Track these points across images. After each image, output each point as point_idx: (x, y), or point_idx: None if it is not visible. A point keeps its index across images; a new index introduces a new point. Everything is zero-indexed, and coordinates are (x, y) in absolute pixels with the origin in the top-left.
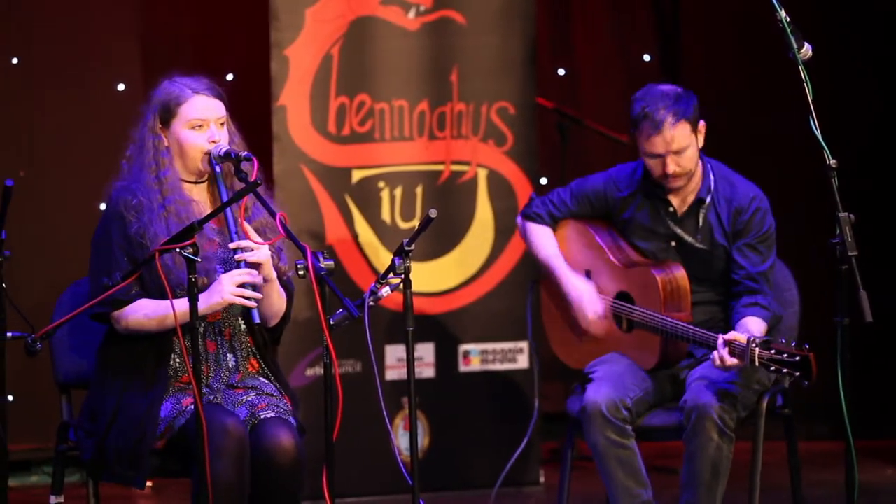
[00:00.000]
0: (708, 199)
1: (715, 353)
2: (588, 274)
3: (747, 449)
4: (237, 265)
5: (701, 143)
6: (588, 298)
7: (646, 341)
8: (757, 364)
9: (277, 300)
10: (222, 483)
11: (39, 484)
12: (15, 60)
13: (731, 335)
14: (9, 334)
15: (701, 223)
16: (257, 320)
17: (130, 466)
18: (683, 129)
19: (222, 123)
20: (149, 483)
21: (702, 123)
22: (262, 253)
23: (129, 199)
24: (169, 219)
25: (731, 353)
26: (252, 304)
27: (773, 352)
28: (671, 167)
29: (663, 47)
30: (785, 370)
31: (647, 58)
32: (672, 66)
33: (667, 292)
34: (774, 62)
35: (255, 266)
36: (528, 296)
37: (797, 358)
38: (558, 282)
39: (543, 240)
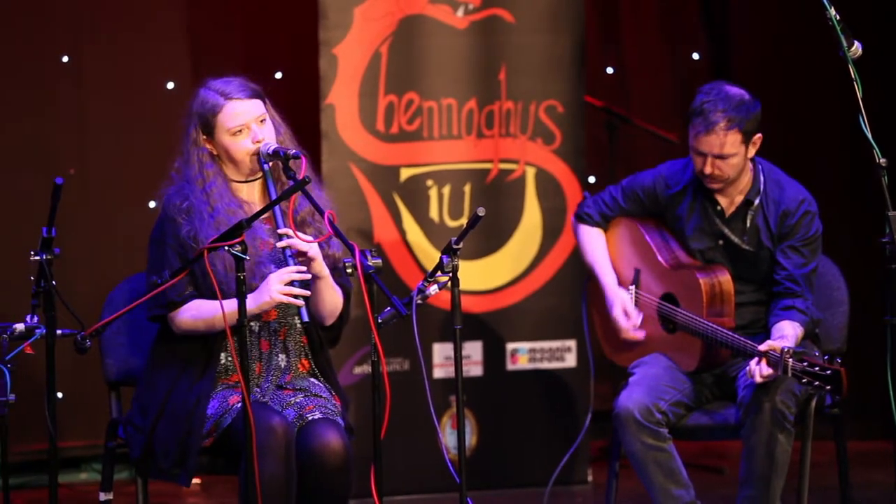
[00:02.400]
0: (756, 202)
1: (751, 364)
2: (637, 273)
3: (796, 448)
4: (286, 261)
5: (752, 153)
6: (620, 313)
7: (688, 344)
8: (789, 375)
9: (331, 297)
10: (269, 481)
11: (89, 481)
12: (65, 59)
13: (765, 346)
14: (59, 332)
15: (748, 225)
16: (306, 318)
17: (176, 464)
18: (733, 137)
19: (263, 120)
20: (197, 480)
21: (758, 136)
22: (310, 250)
23: (179, 202)
24: (220, 228)
25: (767, 364)
26: (300, 302)
27: (805, 364)
28: (709, 169)
29: (713, 46)
30: (816, 383)
31: (696, 56)
32: (721, 65)
33: (710, 296)
34: (825, 60)
35: (305, 263)
36: (582, 294)
37: (828, 372)
38: (602, 290)
39: (592, 243)
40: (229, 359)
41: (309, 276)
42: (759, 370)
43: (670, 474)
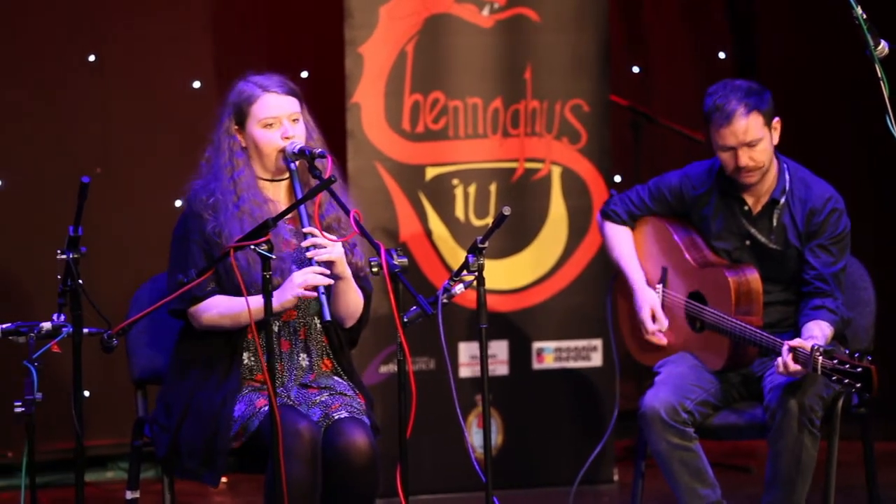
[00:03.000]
0: (782, 200)
1: (779, 359)
2: (665, 271)
3: (823, 448)
4: (310, 263)
5: (776, 140)
6: (647, 316)
7: (715, 342)
8: (819, 372)
9: (353, 299)
10: (295, 484)
11: (115, 479)
12: (91, 58)
13: (797, 342)
14: (85, 330)
15: (775, 224)
16: (327, 318)
17: (203, 464)
18: (755, 120)
19: (295, 120)
20: (223, 479)
21: (777, 120)
22: (334, 251)
23: (205, 198)
24: (244, 219)
25: (795, 360)
26: (323, 285)
27: (835, 361)
28: (743, 160)
29: (738, 45)
30: (846, 380)
31: (721, 55)
32: (747, 64)
33: (738, 294)
34: (852, 59)
35: (328, 264)
36: (607, 293)
37: (858, 369)
38: (629, 288)
39: (618, 240)
40: (252, 358)
41: (329, 281)
42: (788, 363)
43: (696, 474)
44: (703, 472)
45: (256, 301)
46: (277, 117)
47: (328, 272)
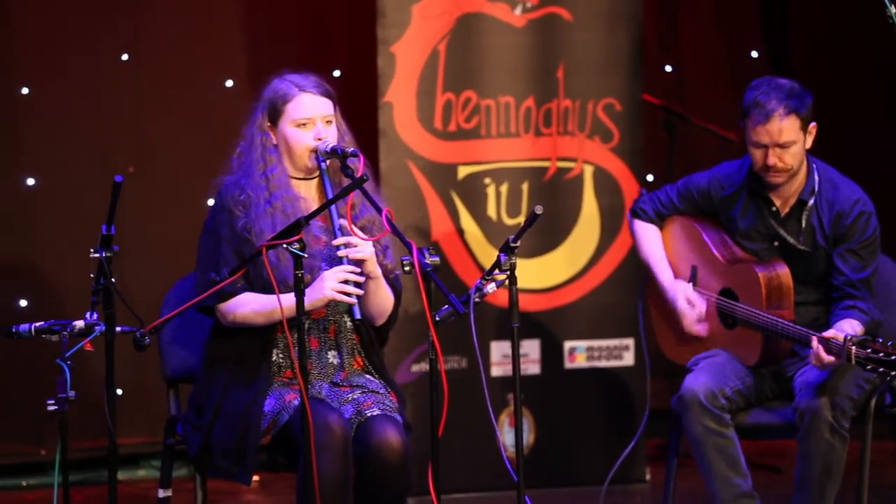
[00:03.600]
0: (811, 202)
1: (812, 351)
2: (694, 270)
3: (856, 447)
4: (340, 262)
5: (809, 143)
6: (685, 304)
7: (748, 338)
8: (853, 362)
9: (383, 298)
10: (326, 478)
11: (148, 477)
12: (125, 57)
13: (829, 333)
14: (118, 329)
15: (804, 225)
16: (358, 316)
17: (235, 462)
18: (792, 123)
19: (329, 121)
20: (255, 478)
21: (813, 125)
22: (365, 249)
23: (237, 194)
24: (275, 215)
25: (829, 351)
26: (352, 300)
27: (869, 350)
28: (772, 159)
29: (771, 44)
30: (881, 369)
31: (754, 54)
32: (780, 63)
33: (769, 290)
34: (884, 59)
35: (359, 262)
36: (638, 293)
37: (893, 357)
38: (659, 285)
39: (648, 239)
40: (281, 356)
41: (362, 279)
42: (822, 354)
43: (731, 462)
44: (737, 461)
45: (288, 299)
46: (311, 118)
47: (359, 271)
